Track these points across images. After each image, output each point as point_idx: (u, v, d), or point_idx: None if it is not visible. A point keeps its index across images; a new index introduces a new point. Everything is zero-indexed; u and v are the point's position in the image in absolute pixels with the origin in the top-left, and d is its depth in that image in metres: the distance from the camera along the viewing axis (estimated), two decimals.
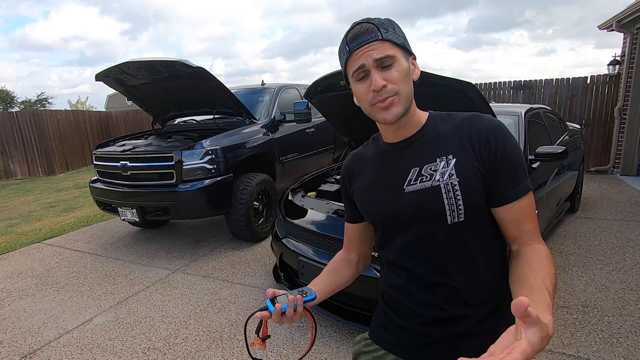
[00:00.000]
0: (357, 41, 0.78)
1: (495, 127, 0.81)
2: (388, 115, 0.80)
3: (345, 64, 0.82)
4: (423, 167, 0.83)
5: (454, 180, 0.79)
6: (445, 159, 0.81)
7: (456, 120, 0.86)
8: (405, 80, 0.80)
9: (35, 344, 2.50)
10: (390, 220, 0.86)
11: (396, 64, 0.78)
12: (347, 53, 0.80)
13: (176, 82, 4.07)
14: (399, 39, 0.80)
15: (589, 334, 2.26)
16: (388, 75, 0.78)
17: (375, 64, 0.78)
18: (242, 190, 3.83)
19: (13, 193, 8.15)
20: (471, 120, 0.84)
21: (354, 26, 0.81)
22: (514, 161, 0.80)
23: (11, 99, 27.91)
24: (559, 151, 2.80)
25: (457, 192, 0.79)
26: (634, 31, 6.12)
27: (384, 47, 0.78)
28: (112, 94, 23.16)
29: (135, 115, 12.08)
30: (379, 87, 0.77)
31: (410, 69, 0.82)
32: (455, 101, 2.31)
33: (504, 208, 0.80)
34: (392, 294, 0.92)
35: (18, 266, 3.87)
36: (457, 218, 0.79)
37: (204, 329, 2.55)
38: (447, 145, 0.82)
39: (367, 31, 0.78)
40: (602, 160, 6.95)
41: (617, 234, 3.79)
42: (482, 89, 7.60)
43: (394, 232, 0.87)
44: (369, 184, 0.91)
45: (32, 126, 10.03)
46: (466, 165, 0.80)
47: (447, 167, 0.80)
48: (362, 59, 0.78)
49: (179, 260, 3.73)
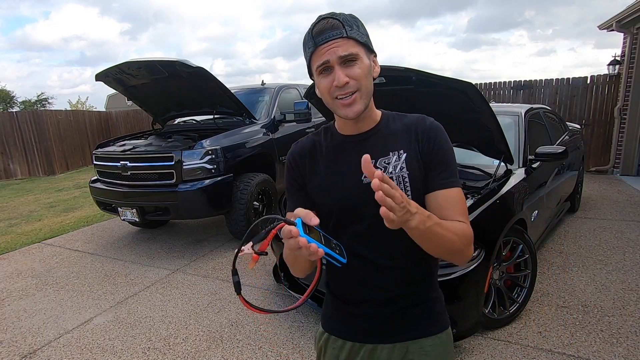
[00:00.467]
0: (323, 36, 0.81)
1: (436, 128, 0.91)
2: (350, 112, 0.85)
3: (310, 56, 0.85)
4: (378, 160, 0.89)
5: (404, 172, 0.87)
6: (397, 153, 0.89)
7: (406, 120, 0.94)
8: (367, 77, 0.85)
9: (35, 344, 2.50)
10: (348, 208, 0.91)
11: (359, 61, 0.83)
12: (312, 47, 0.83)
13: (176, 82, 4.07)
14: (362, 37, 0.84)
15: (589, 334, 2.26)
16: (351, 72, 0.82)
17: (339, 61, 0.81)
18: (242, 190, 3.83)
19: (13, 193, 8.15)
20: (418, 121, 0.92)
21: (319, 20, 0.83)
22: (448, 160, 0.89)
23: (11, 98, 27.93)
24: (559, 151, 2.80)
25: (406, 183, 0.87)
26: (634, 31, 6.12)
27: (348, 44, 0.81)
28: (112, 94, 23.17)
29: (135, 115, 12.08)
30: (342, 83, 0.81)
31: (371, 66, 0.87)
32: (455, 101, 2.32)
33: (431, 195, 0.88)
34: (340, 282, 0.97)
35: (18, 266, 3.87)
36: None
37: (204, 329, 2.55)
38: (399, 142, 0.90)
39: (333, 27, 0.81)
40: (602, 160, 6.95)
41: (617, 234, 3.79)
42: (482, 89, 7.60)
43: (349, 220, 0.92)
44: (327, 173, 0.94)
45: (32, 126, 10.03)
46: (413, 159, 0.88)
47: (399, 161, 0.88)
48: (327, 55, 0.81)
49: (179, 260, 3.73)
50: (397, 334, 0.93)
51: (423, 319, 0.94)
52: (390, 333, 0.94)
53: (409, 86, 2.24)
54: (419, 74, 2.12)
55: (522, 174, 2.72)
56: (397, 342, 0.93)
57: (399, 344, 0.93)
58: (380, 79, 2.20)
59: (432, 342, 0.93)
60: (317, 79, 0.86)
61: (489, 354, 2.13)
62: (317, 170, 0.96)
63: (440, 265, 2.00)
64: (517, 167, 2.82)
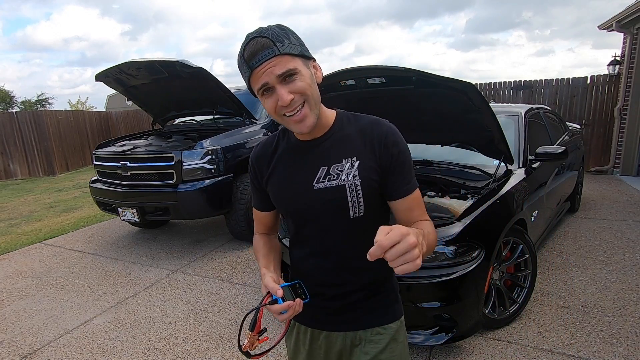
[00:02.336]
0: (256, 59, 0.79)
1: (392, 132, 0.91)
2: (303, 127, 0.85)
3: (248, 80, 0.84)
4: (331, 167, 0.91)
5: (356, 180, 0.89)
6: (350, 160, 0.90)
7: (360, 123, 0.94)
8: (311, 87, 0.83)
9: (35, 344, 2.50)
10: (301, 213, 0.96)
11: (299, 74, 0.81)
12: (248, 71, 0.81)
13: (176, 82, 4.07)
14: (296, 49, 0.81)
15: (589, 334, 2.26)
16: (293, 87, 0.81)
17: (279, 80, 0.80)
18: (242, 190, 3.83)
19: (13, 193, 8.15)
20: (372, 124, 0.93)
21: (248, 41, 0.80)
22: (406, 163, 0.92)
23: (10, 99, 27.92)
24: (559, 151, 2.80)
25: (359, 191, 0.89)
26: (634, 31, 6.12)
27: (283, 61, 0.79)
28: (112, 94, 23.16)
29: (135, 115, 12.07)
30: (287, 102, 0.80)
31: (313, 73, 0.86)
32: (455, 101, 2.31)
33: (399, 201, 0.93)
34: (299, 276, 1.02)
35: (18, 266, 3.87)
36: (357, 213, 0.91)
37: (204, 329, 2.55)
38: (352, 147, 0.91)
39: (264, 47, 0.78)
40: (602, 160, 6.95)
41: (617, 234, 3.79)
42: (482, 89, 7.60)
43: (303, 223, 0.97)
44: (282, 177, 0.97)
45: (32, 126, 10.03)
46: (367, 166, 0.90)
47: (351, 169, 0.90)
48: (265, 77, 0.79)
49: (178, 261, 3.73)
50: (348, 324, 1.00)
51: (373, 310, 1.00)
52: (342, 323, 1.01)
53: (409, 86, 2.24)
54: (419, 74, 2.12)
55: (522, 174, 2.72)
56: (349, 330, 1.00)
57: (351, 333, 1.00)
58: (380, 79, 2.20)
59: (382, 331, 0.99)
60: (261, 100, 0.85)
61: (489, 354, 2.13)
62: (273, 174, 0.99)
63: (440, 265, 2.02)
64: (517, 167, 2.82)
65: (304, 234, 1.00)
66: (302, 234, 1.00)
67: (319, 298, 0.99)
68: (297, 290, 0.89)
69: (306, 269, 1.02)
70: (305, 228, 0.98)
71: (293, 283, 0.89)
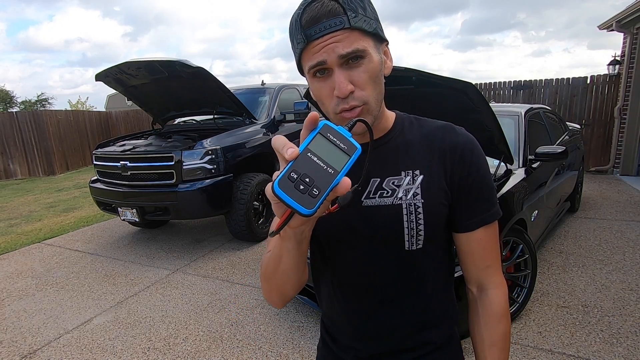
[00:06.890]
0: (317, 27, 0.59)
1: (471, 143, 0.71)
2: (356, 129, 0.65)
3: (299, 53, 0.63)
4: (385, 180, 0.70)
5: (417, 201, 0.68)
6: (411, 173, 0.70)
7: (427, 128, 0.74)
8: (376, 82, 0.64)
9: (35, 344, 2.50)
10: (340, 235, 0.72)
11: (367, 59, 0.62)
12: (302, 42, 0.61)
13: (176, 82, 4.07)
14: (370, 25, 0.61)
15: (589, 334, 2.26)
16: (356, 76, 0.62)
17: (341, 62, 0.60)
18: (242, 190, 3.83)
19: (13, 193, 8.15)
20: (445, 132, 0.72)
21: (311, 2, 0.60)
22: (487, 184, 0.72)
23: (10, 98, 27.91)
24: (559, 151, 2.80)
25: (419, 214, 0.68)
26: (634, 31, 6.12)
27: (351, 37, 0.60)
28: (112, 94, 23.14)
29: (135, 115, 12.08)
30: (346, 93, 0.61)
31: (383, 62, 0.66)
32: (455, 101, 2.31)
33: (470, 234, 0.72)
34: (328, 322, 0.83)
35: (18, 266, 3.87)
36: (415, 245, 0.69)
37: (204, 329, 2.55)
38: (414, 157, 0.71)
39: (330, 13, 0.59)
40: (602, 160, 6.95)
41: (617, 234, 3.79)
42: (482, 89, 7.60)
43: (340, 250, 0.74)
44: None
45: (32, 126, 10.03)
46: (434, 184, 0.69)
47: (412, 185, 0.69)
48: (323, 54, 0.60)
49: (178, 260, 3.73)
50: None
51: None
52: None
53: (409, 86, 2.24)
54: (419, 74, 2.12)
55: (522, 174, 2.72)
56: None
57: None
58: None
59: None
60: (310, 82, 0.66)
61: None
62: None
63: None
64: (517, 167, 2.82)
65: (338, 264, 0.75)
66: (337, 265, 0.76)
67: (352, 353, 0.77)
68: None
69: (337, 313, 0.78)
70: (342, 257, 0.74)
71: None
